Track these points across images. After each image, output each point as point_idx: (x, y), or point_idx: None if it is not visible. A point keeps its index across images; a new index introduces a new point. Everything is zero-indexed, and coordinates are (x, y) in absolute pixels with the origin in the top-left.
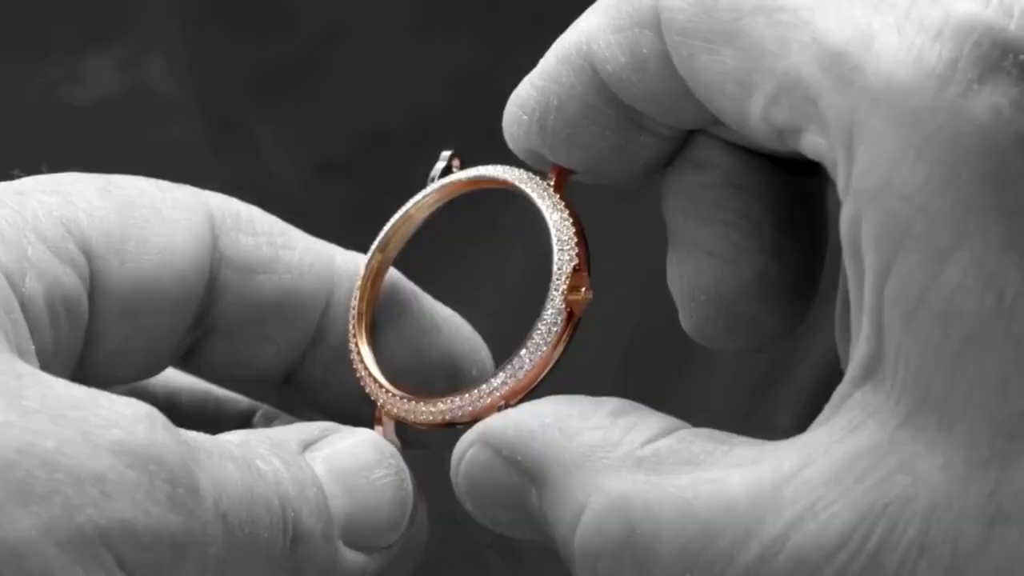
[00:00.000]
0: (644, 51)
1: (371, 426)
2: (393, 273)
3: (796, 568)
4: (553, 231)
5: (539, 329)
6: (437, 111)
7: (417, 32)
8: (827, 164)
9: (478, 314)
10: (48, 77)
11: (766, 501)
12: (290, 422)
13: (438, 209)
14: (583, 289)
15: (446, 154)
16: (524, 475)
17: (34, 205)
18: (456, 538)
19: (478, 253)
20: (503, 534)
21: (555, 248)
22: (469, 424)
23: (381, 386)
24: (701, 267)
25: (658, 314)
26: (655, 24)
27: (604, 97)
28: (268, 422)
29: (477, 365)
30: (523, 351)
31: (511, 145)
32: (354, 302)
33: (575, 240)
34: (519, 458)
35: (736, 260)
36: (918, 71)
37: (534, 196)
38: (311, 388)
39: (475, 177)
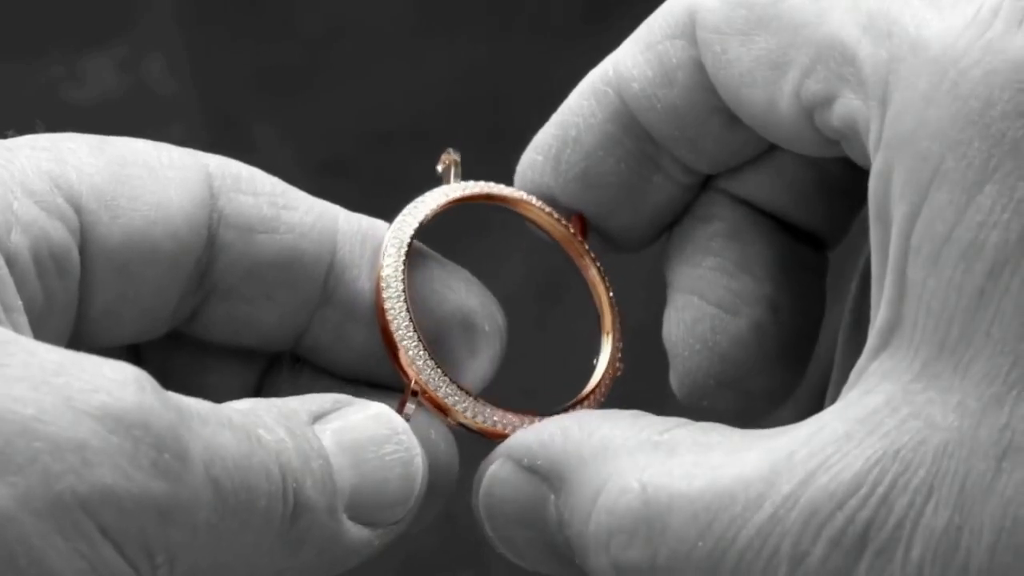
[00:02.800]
0: (673, 61)
1: (388, 387)
2: None
3: (808, 521)
4: (609, 308)
5: (589, 400)
6: (437, 111)
7: (417, 32)
8: (859, 127)
9: None
10: (48, 77)
11: (779, 464)
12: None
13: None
14: (622, 367)
15: (456, 157)
16: (543, 483)
17: (22, 161)
18: (456, 537)
19: (477, 254)
20: (521, 565)
21: (611, 320)
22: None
23: (436, 367)
24: (698, 316)
25: (659, 313)
26: (687, 31)
27: (624, 127)
28: (293, 363)
29: (490, 319)
30: (585, 403)
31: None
32: (388, 268)
33: (619, 321)
34: (539, 462)
35: (734, 309)
36: (958, 19)
37: (573, 255)
38: (321, 352)
39: (522, 199)
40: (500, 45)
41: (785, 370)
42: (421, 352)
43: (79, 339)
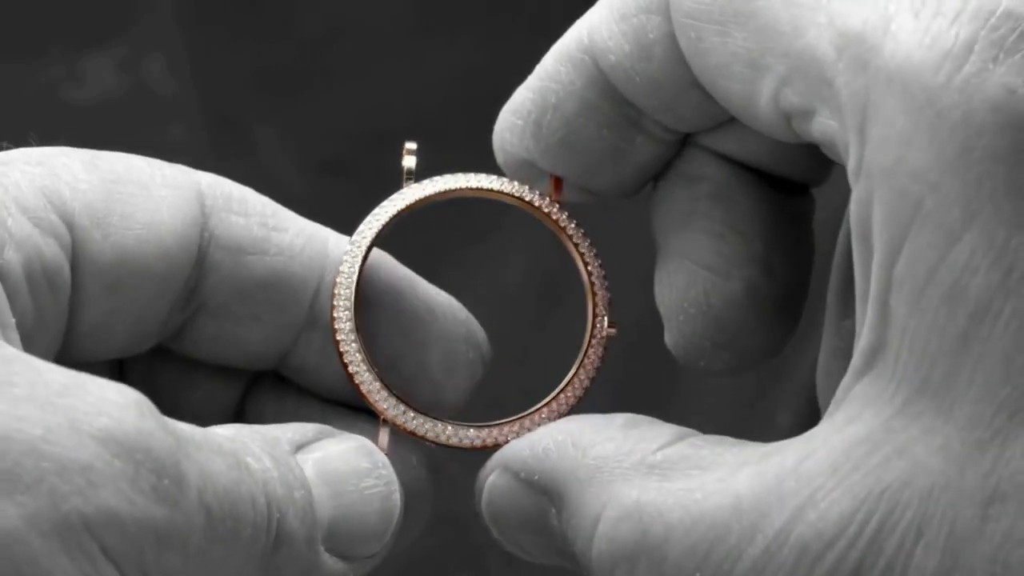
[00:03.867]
0: (650, 36)
1: (369, 414)
2: (386, 258)
3: (800, 558)
4: (584, 267)
5: (584, 367)
6: (437, 111)
7: (417, 33)
8: (838, 147)
9: (475, 316)
10: (48, 77)
11: (770, 495)
12: (297, 394)
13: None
14: (614, 328)
15: (413, 147)
16: (543, 495)
17: (17, 176)
18: (457, 540)
19: (476, 255)
20: (532, 561)
21: (589, 285)
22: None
23: (398, 402)
24: (691, 279)
25: (658, 313)
26: (662, 7)
27: (603, 92)
28: (278, 383)
29: (473, 348)
30: (569, 390)
31: (501, 158)
32: (340, 309)
33: (603, 277)
34: (536, 477)
35: (726, 272)
36: (934, 52)
37: (551, 225)
38: (306, 373)
39: (481, 187)
40: (500, 45)
41: (779, 325)
42: (385, 395)
43: (67, 353)
